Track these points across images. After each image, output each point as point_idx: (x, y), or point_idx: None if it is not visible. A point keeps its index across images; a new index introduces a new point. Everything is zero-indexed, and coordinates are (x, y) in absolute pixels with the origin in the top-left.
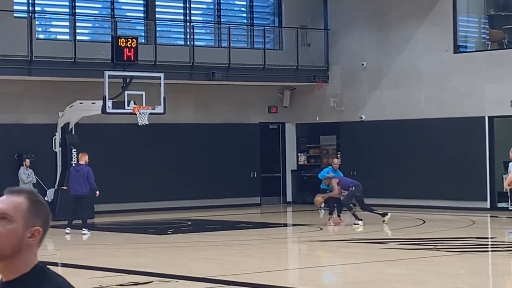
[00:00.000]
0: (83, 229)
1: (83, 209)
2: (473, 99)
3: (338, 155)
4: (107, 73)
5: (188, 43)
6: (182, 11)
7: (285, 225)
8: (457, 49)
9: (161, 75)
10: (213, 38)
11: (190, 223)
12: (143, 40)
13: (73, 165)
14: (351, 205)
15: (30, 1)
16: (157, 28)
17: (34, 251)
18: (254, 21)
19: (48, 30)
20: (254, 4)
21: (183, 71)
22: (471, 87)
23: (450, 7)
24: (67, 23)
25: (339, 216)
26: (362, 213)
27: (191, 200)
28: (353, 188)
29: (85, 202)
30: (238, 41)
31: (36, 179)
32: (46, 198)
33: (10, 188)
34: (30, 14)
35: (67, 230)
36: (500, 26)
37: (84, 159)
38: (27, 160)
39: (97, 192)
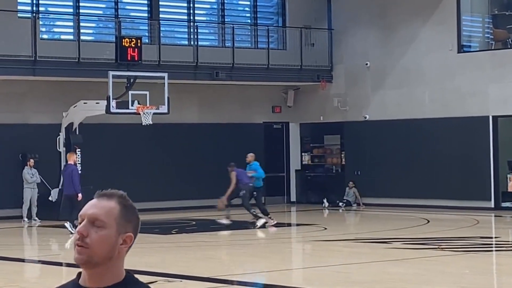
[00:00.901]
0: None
1: (76, 209)
2: (477, 99)
3: (342, 154)
4: (111, 73)
5: (192, 43)
6: (186, 11)
7: (289, 224)
8: (461, 48)
9: (165, 75)
10: (217, 38)
11: (194, 222)
12: (147, 40)
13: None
14: (250, 204)
15: (34, 1)
16: (161, 28)
17: (123, 258)
18: (258, 21)
19: (52, 30)
20: (258, 4)
21: (187, 71)
22: (475, 87)
23: (454, 7)
24: (71, 23)
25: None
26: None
27: (195, 199)
28: (246, 186)
29: (75, 201)
30: (242, 41)
31: (40, 179)
32: (50, 198)
33: (100, 191)
34: (34, 14)
35: (73, 230)
36: (504, 26)
37: (72, 158)
38: (31, 160)
39: (79, 195)
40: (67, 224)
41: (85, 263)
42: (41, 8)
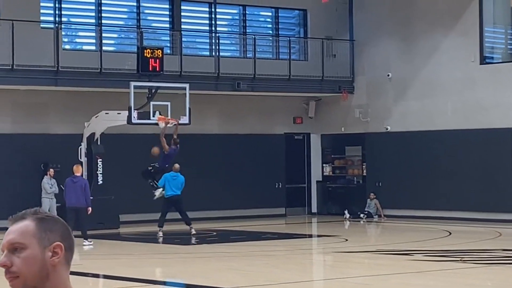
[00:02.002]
0: (84, 241)
1: (81, 221)
2: (499, 111)
3: (363, 165)
4: (132, 83)
5: (213, 53)
6: (207, 21)
7: (310, 236)
8: (483, 60)
9: (187, 85)
10: (238, 49)
11: (215, 233)
12: (168, 51)
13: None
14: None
15: (57, 12)
16: (183, 39)
17: (63, 273)
18: (280, 32)
19: (74, 40)
20: (279, 15)
21: (209, 81)
22: (497, 99)
23: (476, 18)
24: (93, 34)
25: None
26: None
27: (216, 210)
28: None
29: (83, 213)
30: (264, 52)
31: (62, 189)
32: None
33: (12, 216)
34: (56, 25)
35: (84, 242)
36: None
37: (79, 171)
38: (51, 170)
39: (89, 209)
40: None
41: None
42: (63, 19)
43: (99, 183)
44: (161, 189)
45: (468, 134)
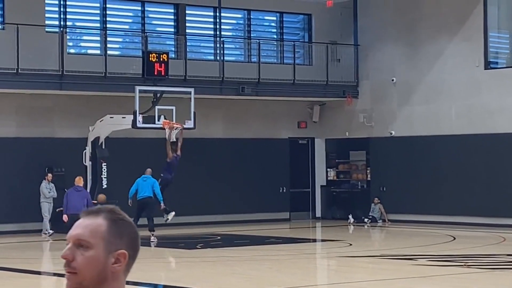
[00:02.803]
0: None
1: None
2: (504, 115)
3: (367, 170)
4: (137, 87)
5: (218, 58)
6: (212, 26)
7: (314, 240)
8: (488, 65)
9: (191, 90)
10: (243, 53)
11: (219, 237)
12: (173, 55)
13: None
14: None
15: (62, 16)
16: (188, 43)
17: (120, 279)
18: (284, 36)
19: (79, 44)
20: (284, 19)
21: (213, 86)
22: (502, 103)
23: (481, 23)
24: (98, 38)
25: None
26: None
27: (220, 214)
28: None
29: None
30: (268, 56)
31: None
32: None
33: (87, 209)
34: (61, 29)
35: None
36: None
37: (81, 182)
38: (49, 175)
39: None
40: None
41: None
42: (68, 23)
43: (103, 187)
44: (173, 212)
45: (473, 139)
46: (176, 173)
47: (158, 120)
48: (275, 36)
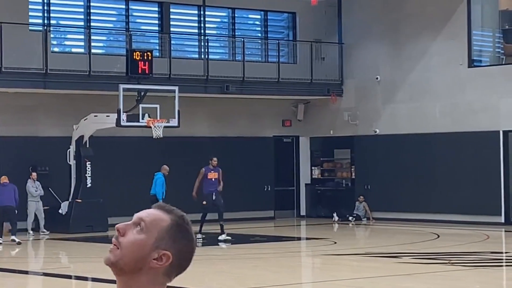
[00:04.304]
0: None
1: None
2: (487, 113)
3: (352, 168)
4: (121, 86)
5: (202, 56)
6: (196, 24)
7: (299, 238)
8: (471, 63)
9: (176, 88)
10: (227, 52)
11: (204, 236)
12: (157, 53)
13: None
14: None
15: (45, 14)
16: (172, 42)
17: (158, 278)
18: (269, 35)
19: (63, 43)
20: (268, 17)
21: (198, 84)
22: (485, 101)
23: (464, 21)
24: (82, 36)
25: None
26: None
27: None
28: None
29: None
30: (253, 55)
31: (51, 192)
32: (60, 211)
33: (161, 204)
34: (45, 27)
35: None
36: None
37: (6, 179)
38: (33, 173)
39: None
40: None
41: (111, 265)
42: (52, 21)
43: (87, 186)
44: (225, 234)
45: (457, 137)
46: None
47: (142, 119)
48: (259, 35)
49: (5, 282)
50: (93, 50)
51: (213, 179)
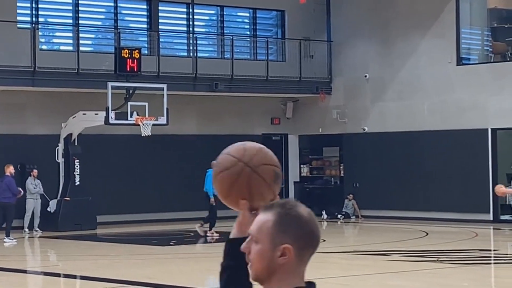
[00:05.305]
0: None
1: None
2: (476, 111)
3: (340, 166)
4: (110, 84)
5: (191, 54)
6: (185, 22)
7: None
8: (460, 61)
9: (164, 86)
10: (216, 50)
11: (192, 234)
12: (146, 51)
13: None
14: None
15: (34, 12)
16: (160, 39)
17: (291, 270)
18: (257, 33)
19: (51, 41)
20: (257, 15)
21: (186, 82)
22: (474, 99)
23: (453, 20)
24: (71, 34)
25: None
26: None
27: (194, 211)
28: None
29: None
30: (241, 53)
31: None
32: (48, 209)
33: (266, 204)
34: (33, 25)
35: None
36: (503, 39)
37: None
38: (35, 171)
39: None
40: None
41: (254, 280)
42: (40, 19)
43: (76, 184)
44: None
45: (445, 135)
46: None
47: (131, 117)
48: (248, 33)
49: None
50: (81, 48)
51: None
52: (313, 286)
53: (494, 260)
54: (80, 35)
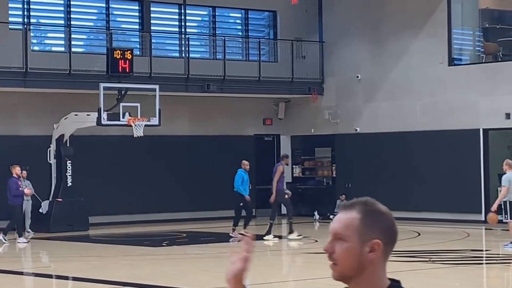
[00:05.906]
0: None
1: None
2: (467, 112)
3: (333, 166)
4: (102, 85)
5: (183, 55)
6: (177, 23)
7: (280, 237)
8: (451, 61)
9: (156, 87)
10: (208, 50)
11: (185, 235)
12: (138, 52)
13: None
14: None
15: (25, 13)
16: (152, 40)
17: (379, 266)
18: (249, 34)
19: (43, 42)
20: (249, 16)
21: (178, 83)
22: (465, 100)
23: (445, 20)
24: (62, 35)
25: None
26: None
27: (186, 212)
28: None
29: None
30: (233, 53)
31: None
32: (40, 210)
33: (344, 202)
34: (25, 26)
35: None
36: (495, 39)
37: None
38: (24, 172)
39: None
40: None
41: (339, 279)
42: (32, 20)
43: (68, 185)
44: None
45: (437, 135)
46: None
47: (123, 117)
48: (240, 33)
49: None
50: (73, 49)
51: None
52: (398, 283)
53: (486, 260)
54: (72, 36)
